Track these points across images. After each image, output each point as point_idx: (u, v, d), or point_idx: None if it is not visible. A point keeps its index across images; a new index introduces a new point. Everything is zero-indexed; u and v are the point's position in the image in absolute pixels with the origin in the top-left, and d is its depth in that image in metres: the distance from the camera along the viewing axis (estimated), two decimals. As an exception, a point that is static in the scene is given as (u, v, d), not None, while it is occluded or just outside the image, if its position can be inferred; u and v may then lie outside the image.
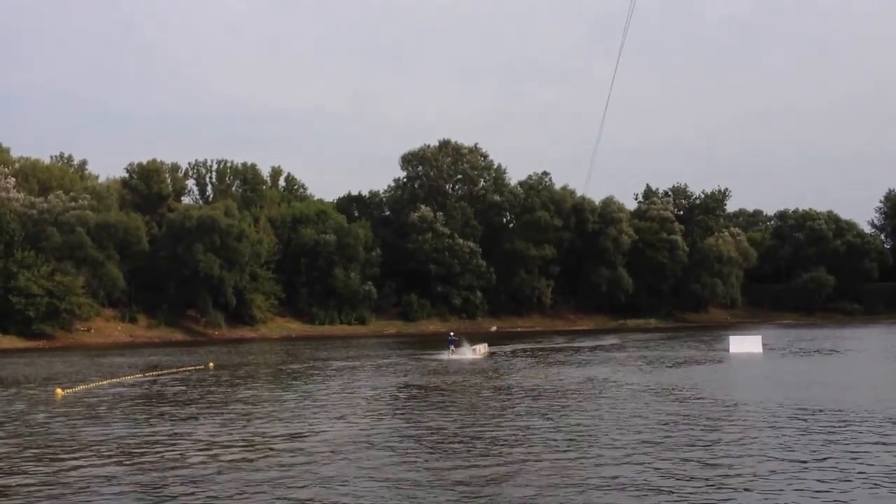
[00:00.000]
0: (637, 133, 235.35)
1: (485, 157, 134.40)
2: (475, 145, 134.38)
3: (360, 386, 39.49)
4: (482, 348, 62.81)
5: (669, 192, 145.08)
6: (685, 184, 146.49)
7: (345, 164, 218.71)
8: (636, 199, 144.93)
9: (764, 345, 60.15)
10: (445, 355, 56.85)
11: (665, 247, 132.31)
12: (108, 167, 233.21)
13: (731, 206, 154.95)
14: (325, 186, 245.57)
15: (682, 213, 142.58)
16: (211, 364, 56.05)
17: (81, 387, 41.13)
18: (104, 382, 43.96)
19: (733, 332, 77.04)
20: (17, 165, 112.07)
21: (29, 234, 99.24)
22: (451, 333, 59.68)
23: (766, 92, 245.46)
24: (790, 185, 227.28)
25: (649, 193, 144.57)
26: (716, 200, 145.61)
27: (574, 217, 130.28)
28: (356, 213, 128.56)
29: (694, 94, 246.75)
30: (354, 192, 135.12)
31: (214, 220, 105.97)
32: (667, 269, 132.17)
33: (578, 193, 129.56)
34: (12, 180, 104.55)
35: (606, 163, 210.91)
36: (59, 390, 38.57)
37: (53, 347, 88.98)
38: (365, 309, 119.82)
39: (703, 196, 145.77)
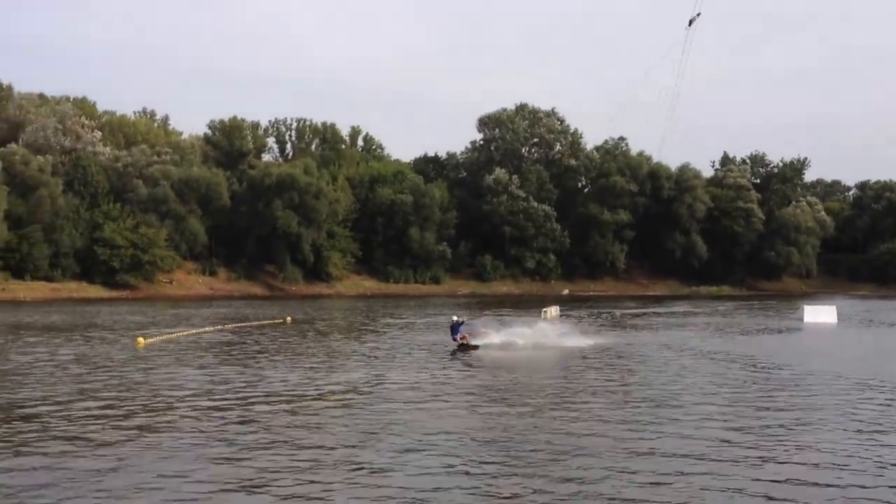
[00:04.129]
0: (716, 102, 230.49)
1: (561, 121, 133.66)
2: (552, 109, 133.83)
3: (433, 342, 40.03)
4: (553, 311, 62.93)
5: (747, 161, 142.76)
6: (763, 152, 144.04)
7: (422, 125, 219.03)
8: (713, 166, 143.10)
9: (838, 315, 59.26)
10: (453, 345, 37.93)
11: (740, 215, 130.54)
12: (189, 124, 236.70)
13: (810, 176, 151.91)
14: (403, 147, 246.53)
15: (759, 181, 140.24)
16: (288, 318, 57.25)
17: (162, 336, 42.56)
18: (184, 333, 45.39)
19: (808, 301, 75.88)
20: (102, 119, 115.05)
21: (114, 186, 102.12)
22: (455, 317, 39.12)
23: (847, 62, 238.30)
24: (870, 156, 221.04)
25: (726, 161, 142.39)
26: (794, 170, 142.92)
27: (650, 183, 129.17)
28: (432, 174, 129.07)
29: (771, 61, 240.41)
30: (431, 154, 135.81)
31: (293, 177, 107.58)
32: (741, 237, 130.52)
33: (654, 159, 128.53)
34: (98, 134, 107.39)
35: (682, 130, 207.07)
36: (140, 339, 39.94)
37: (136, 298, 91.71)
38: (439, 269, 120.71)
39: (781, 165, 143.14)
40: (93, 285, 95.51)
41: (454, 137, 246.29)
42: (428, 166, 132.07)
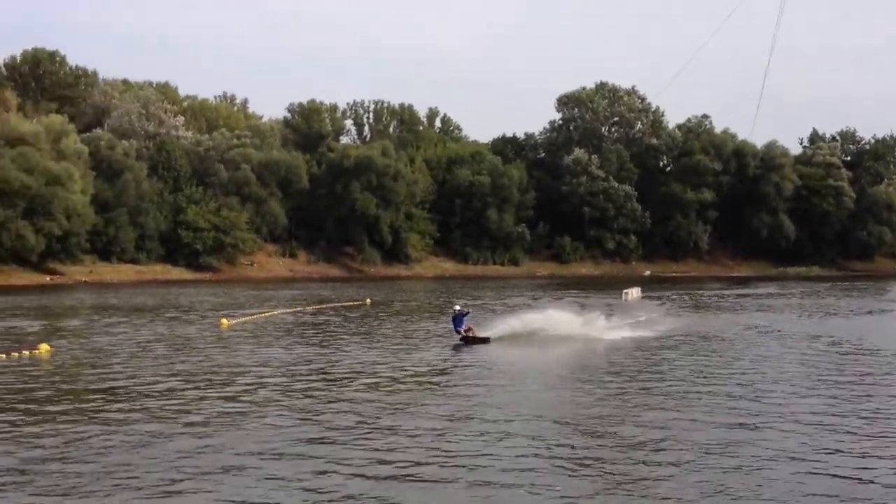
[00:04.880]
0: (805, 77, 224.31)
1: (642, 99, 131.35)
2: (632, 87, 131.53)
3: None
4: (634, 292, 61.85)
5: (837, 137, 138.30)
6: (854, 129, 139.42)
7: (501, 105, 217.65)
8: (801, 143, 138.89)
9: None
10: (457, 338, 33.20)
11: (830, 193, 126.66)
12: (268, 107, 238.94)
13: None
14: (481, 128, 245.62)
15: (849, 158, 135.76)
16: (368, 300, 57.26)
17: (245, 318, 42.78)
18: (266, 314, 45.61)
19: (902, 282, 73.23)
20: (184, 104, 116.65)
21: (196, 170, 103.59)
22: (457, 307, 34.59)
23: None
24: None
25: (815, 138, 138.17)
26: (887, 146, 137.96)
27: (734, 161, 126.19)
28: (511, 155, 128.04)
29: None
30: (509, 134, 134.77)
31: (371, 159, 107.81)
32: (831, 217, 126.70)
33: (740, 137, 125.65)
34: (181, 119, 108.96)
35: (770, 106, 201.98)
36: (224, 320, 40.19)
37: (218, 280, 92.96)
38: (518, 250, 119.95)
39: (873, 142, 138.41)
40: (177, 267, 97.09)
41: (533, 118, 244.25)
42: (506, 147, 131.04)
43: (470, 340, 32.03)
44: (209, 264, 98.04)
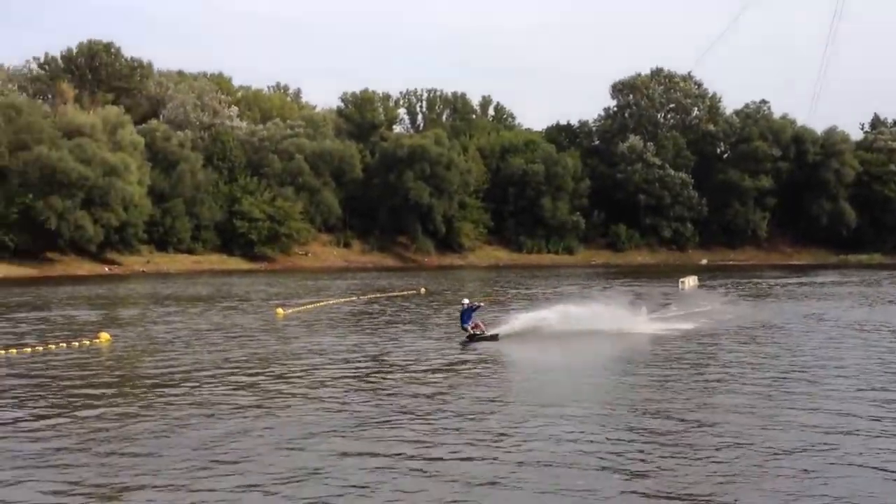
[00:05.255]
0: (866, 58, 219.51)
1: (699, 84, 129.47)
2: (688, 73, 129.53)
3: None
4: (691, 281, 60.94)
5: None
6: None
7: (554, 93, 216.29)
8: (862, 129, 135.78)
9: None
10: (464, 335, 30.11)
11: (892, 179, 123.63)
12: (321, 97, 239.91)
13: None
14: (534, 116, 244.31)
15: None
16: (422, 289, 57.12)
17: (301, 307, 42.83)
18: (322, 304, 45.63)
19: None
20: (238, 95, 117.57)
21: (251, 160, 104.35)
22: (466, 301, 31.06)
23: None
24: None
25: (877, 123, 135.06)
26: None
27: (794, 147, 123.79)
28: (565, 143, 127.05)
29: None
30: (563, 122, 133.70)
31: (425, 148, 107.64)
32: (893, 203, 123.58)
33: (799, 123, 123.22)
34: (235, 109, 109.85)
35: (830, 91, 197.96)
36: (280, 310, 40.26)
37: (273, 270, 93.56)
38: (572, 238, 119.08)
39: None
40: (232, 257, 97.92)
41: (587, 105, 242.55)
42: (560, 135, 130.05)
43: (477, 337, 29.00)
44: (264, 254, 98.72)
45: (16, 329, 33.53)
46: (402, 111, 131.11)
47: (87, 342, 28.40)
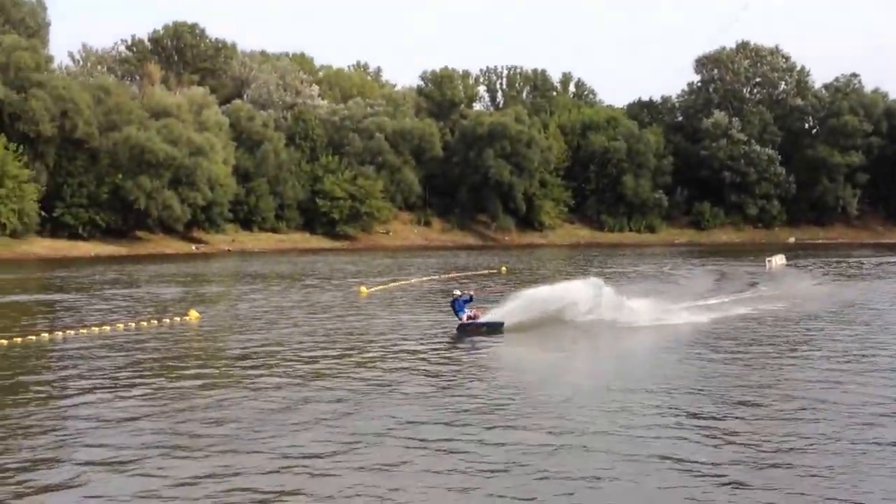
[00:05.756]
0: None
1: (786, 58, 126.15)
2: (776, 46, 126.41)
3: (647, 290, 37.93)
4: (778, 260, 59.60)
5: None
6: None
7: (636, 69, 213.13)
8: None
9: None
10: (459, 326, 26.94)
11: None
12: (401, 75, 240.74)
13: None
14: (616, 92, 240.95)
15: None
16: (504, 268, 56.91)
17: (383, 286, 43.05)
18: (404, 282, 45.79)
19: None
20: (320, 74, 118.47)
21: (332, 139, 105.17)
22: (456, 292, 28.26)
23: None
24: None
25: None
26: None
27: (885, 122, 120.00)
28: (647, 119, 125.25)
29: None
30: (645, 98, 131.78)
31: (505, 126, 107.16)
32: None
33: (892, 96, 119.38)
34: (316, 88, 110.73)
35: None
36: (363, 288, 40.48)
37: (355, 248, 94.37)
38: (654, 217, 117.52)
39: None
40: (315, 236, 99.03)
41: (670, 81, 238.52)
42: (642, 111, 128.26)
43: (469, 329, 25.56)
44: (345, 233, 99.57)
45: (107, 305, 34.33)
46: (481, 89, 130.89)
47: (178, 319, 28.93)
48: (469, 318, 26.23)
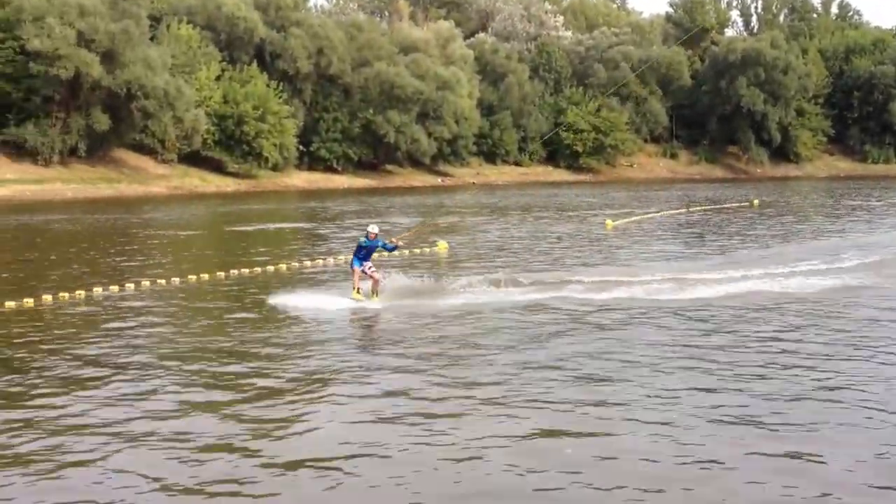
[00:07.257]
0: None
1: None
2: None
3: None
4: None
5: None
6: None
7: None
8: None
9: None
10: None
11: None
12: (648, 3, 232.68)
13: None
14: (884, 12, 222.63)
15: None
16: (755, 201, 54.40)
17: (630, 218, 42.20)
18: (650, 215, 44.67)
19: None
20: (564, 4, 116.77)
21: (576, 71, 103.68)
22: (374, 229, 19.50)
23: None
24: None
25: None
26: None
27: None
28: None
29: None
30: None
31: (759, 52, 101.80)
32: None
33: None
34: (561, 18, 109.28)
35: None
36: (609, 221, 39.78)
37: (598, 182, 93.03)
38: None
39: None
40: (557, 169, 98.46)
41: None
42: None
43: (359, 290, 19.13)
44: (589, 166, 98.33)
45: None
46: (734, 13, 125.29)
47: (428, 249, 29.49)
48: (364, 270, 19.29)
